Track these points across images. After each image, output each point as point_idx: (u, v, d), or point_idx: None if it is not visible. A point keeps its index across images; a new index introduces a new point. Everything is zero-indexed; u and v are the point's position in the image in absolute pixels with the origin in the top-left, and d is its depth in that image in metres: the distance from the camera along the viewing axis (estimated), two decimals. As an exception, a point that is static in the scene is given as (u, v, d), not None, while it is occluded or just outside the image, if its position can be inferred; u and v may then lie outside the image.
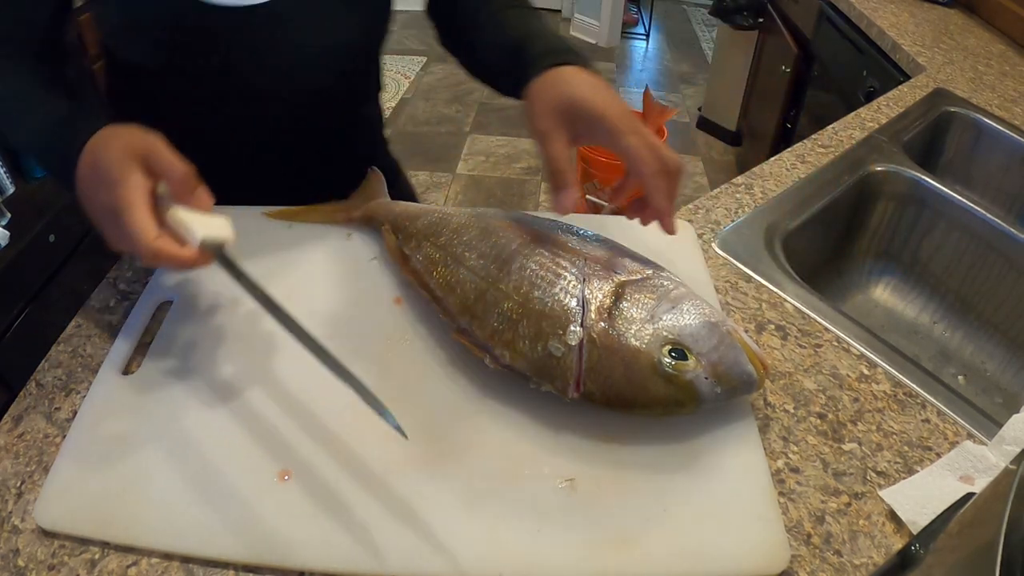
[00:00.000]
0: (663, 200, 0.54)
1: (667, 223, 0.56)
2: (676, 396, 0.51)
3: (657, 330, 0.52)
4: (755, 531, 0.47)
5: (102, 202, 0.50)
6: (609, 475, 0.50)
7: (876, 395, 0.60)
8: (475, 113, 3.33)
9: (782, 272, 0.73)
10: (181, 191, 0.52)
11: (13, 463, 0.52)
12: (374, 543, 0.46)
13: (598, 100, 0.56)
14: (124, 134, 0.52)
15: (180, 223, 0.51)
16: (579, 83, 0.58)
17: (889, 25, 1.56)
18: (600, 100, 0.56)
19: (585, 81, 0.58)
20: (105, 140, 0.52)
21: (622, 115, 0.55)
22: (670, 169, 0.54)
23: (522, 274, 0.56)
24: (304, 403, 0.54)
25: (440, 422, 0.54)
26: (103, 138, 0.52)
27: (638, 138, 0.54)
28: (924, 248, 0.99)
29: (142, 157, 0.51)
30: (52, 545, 0.47)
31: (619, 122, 0.55)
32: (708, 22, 4.63)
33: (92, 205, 0.52)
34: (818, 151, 0.98)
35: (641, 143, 0.54)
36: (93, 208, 0.52)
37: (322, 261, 0.68)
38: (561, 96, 0.57)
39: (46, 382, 0.58)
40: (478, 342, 0.56)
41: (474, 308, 0.56)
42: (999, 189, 1.14)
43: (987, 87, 1.27)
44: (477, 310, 0.56)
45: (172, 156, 0.51)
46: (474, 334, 0.56)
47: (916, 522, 0.49)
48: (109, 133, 0.52)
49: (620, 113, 0.55)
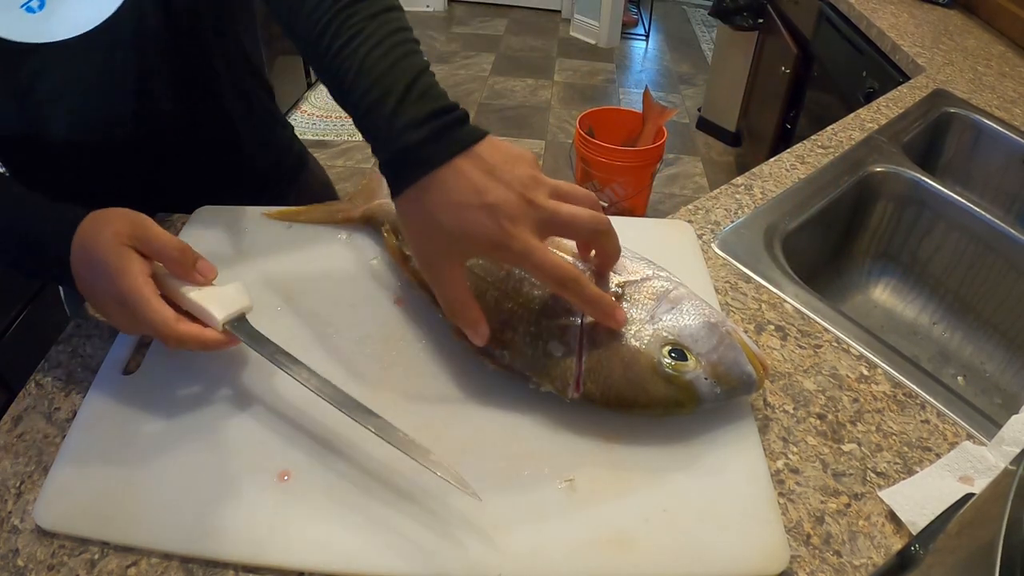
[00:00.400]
0: (584, 307, 0.51)
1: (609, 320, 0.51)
2: (676, 396, 0.51)
3: (657, 330, 0.52)
4: (754, 531, 0.47)
5: (107, 293, 0.50)
6: (609, 475, 0.50)
7: (876, 396, 0.60)
8: (474, 114, 3.34)
9: (782, 273, 0.74)
10: (180, 271, 0.52)
11: (13, 463, 0.52)
12: (373, 543, 0.46)
13: (478, 230, 0.47)
14: (110, 221, 0.51)
15: (195, 307, 0.51)
16: (446, 211, 0.47)
17: (889, 26, 1.56)
18: (481, 228, 0.47)
19: (451, 201, 0.47)
20: (93, 232, 0.51)
21: (511, 235, 0.47)
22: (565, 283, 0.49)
23: (522, 274, 0.56)
24: (304, 403, 0.54)
25: (440, 423, 0.54)
26: (90, 230, 0.51)
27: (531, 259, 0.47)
28: (924, 249, 1.00)
29: (134, 242, 0.50)
30: (52, 545, 0.47)
31: (511, 251, 0.47)
32: (708, 23, 4.64)
33: (96, 297, 0.52)
34: (818, 152, 0.98)
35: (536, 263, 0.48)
36: (97, 300, 0.52)
37: (322, 262, 0.68)
38: (436, 239, 0.49)
39: (46, 382, 0.58)
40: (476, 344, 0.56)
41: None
42: (998, 190, 1.14)
43: (987, 88, 1.27)
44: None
45: (163, 236, 0.51)
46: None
47: (915, 523, 0.49)
48: (93, 223, 0.51)
49: (510, 234, 0.47)
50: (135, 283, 0.49)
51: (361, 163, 2.89)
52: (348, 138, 3.06)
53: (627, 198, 2.39)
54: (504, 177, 0.47)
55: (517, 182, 0.48)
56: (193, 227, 0.72)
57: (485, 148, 0.48)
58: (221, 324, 0.51)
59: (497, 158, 0.48)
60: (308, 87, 3.41)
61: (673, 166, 3.01)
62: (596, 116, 2.49)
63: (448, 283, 0.51)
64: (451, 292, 0.51)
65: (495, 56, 3.99)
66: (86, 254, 0.50)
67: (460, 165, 0.47)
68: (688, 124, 3.37)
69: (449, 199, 0.47)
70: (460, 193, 0.47)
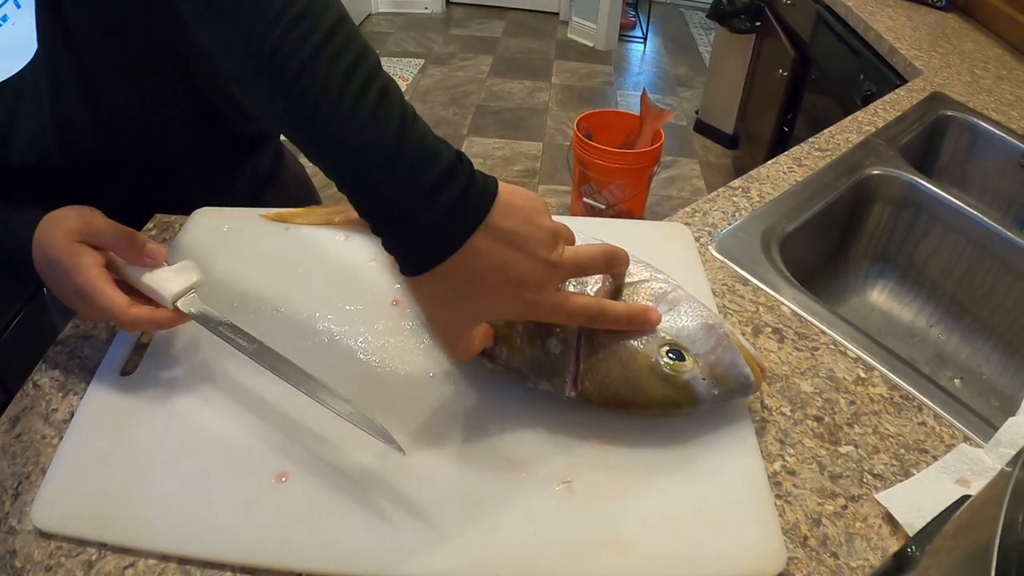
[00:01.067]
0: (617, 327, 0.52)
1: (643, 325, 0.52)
2: (673, 397, 0.51)
3: (655, 331, 0.53)
4: (752, 533, 0.47)
5: (67, 288, 0.53)
6: (606, 477, 0.51)
7: (872, 398, 0.60)
8: (472, 116, 3.34)
9: (779, 275, 0.74)
10: (131, 257, 0.54)
11: (10, 464, 0.52)
12: (372, 545, 0.46)
13: (504, 312, 0.48)
14: (60, 221, 0.54)
15: (148, 289, 0.54)
16: (484, 286, 0.45)
17: (886, 29, 1.57)
18: (506, 311, 0.48)
19: (485, 275, 0.45)
20: (47, 234, 0.53)
21: (536, 305, 0.47)
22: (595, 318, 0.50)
23: None
24: (303, 404, 0.54)
25: (438, 424, 0.54)
26: (44, 232, 0.54)
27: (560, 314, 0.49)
28: (920, 251, 1.00)
29: (84, 237, 0.53)
30: (49, 546, 0.47)
31: (541, 317, 0.49)
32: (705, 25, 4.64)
33: (60, 293, 0.54)
34: (815, 154, 0.98)
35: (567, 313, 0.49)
36: (62, 295, 0.55)
37: (320, 263, 0.68)
38: (466, 308, 0.47)
39: (43, 383, 0.58)
40: None
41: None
42: (995, 192, 1.15)
43: (984, 91, 1.27)
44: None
45: (109, 227, 0.54)
46: None
47: (912, 524, 0.49)
48: (47, 225, 0.54)
49: (533, 304, 0.47)
50: (87, 276, 0.51)
51: (359, 165, 2.89)
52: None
53: (624, 200, 2.39)
54: (525, 246, 0.45)
55: (539, 246, 0.45)
56: (191, 228, 0.72)
57: (500, 212, 0.44)
58: (171, 302, 0.54)
59: (514, 222, 0.44)
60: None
61: (671, 169, 3.02)
62: (594, 118, 2.49)
63: (463, 349, 0.50)
64: (463, 356, 0.51)
65: (493, 58, 3.99)
66: (43, 255, 0.53)
67: (479, 244, 0.43)
68: (686, 127, 3.38)
69: (471, 278, 0.45)
70: (483, 272, 0.44)
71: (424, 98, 3.43)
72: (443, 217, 0.42)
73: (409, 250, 0.44)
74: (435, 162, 0.42)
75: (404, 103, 0.43)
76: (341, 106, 0.41)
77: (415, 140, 0.42)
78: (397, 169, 0.41)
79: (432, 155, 0.42)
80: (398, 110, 0.42)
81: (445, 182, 0.42)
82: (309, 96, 0.40)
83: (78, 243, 0.53)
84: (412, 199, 0.42)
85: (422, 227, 0.42)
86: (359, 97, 0.41)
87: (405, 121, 0.42)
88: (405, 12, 4.58)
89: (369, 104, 0.41)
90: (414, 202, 0.42)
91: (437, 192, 0.42)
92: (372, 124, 0.41)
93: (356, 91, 0.41)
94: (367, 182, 0.42)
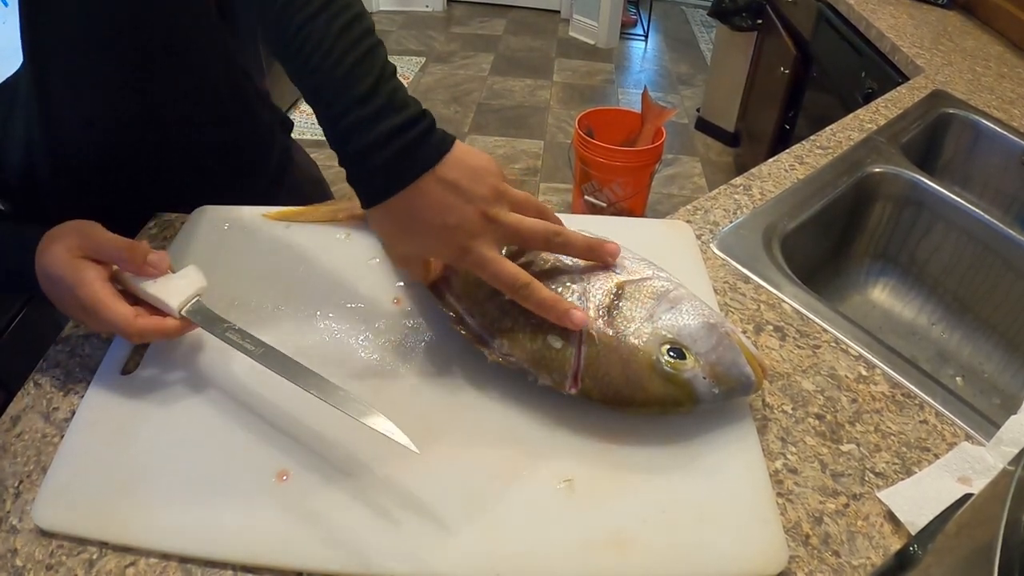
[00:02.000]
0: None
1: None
2: (674, 395, 0.51)
3: (656, 329, 0.52)
4: (753, 532, 0.47)
5: (71, 304, 0.53)
6: (607, 476, 0.50)
7: (874, 396, 0.60)
8: (473, 114, 3.34)
9: (780, 273, 0.74)
10: (134, 269, 0.54)
11: (11, 463, 0.52)
12: (372, 543, 0.46)
13: (439, 250, 0.53)
14: (60, 238, 0.54)
15: (153, 299, 0.54)
16: (404, 237, 0.53)
17: (888, 27, 1.56)
18: (440, 249, 0.53)
19: (407, 226, 0.52)
20: (47, 251, 0.53)
21: (467, 249, 0.51)
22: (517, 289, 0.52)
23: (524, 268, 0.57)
24: (303, 403, 0.54)
25: (438, 423, 0.54)
26: (44, 250, 0.54)
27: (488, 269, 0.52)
28: (922, 249, 1.00)
29: (86, 252, 0.53)
30: (50, 545, 0.47)
31: (472, 264, 0.52)
32: (707, 23, 4.64)
33: (65, 308, 0.55)
34: (816, 152, 0.98)
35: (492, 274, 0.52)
36: (67, 310, 0.55)
37: (321, 262, 0.68)
38: (411, 243, 0.54)
39: (44, 382, 0.58)
40: (477, 333, 0.56)
41: (476, 294, 0.57)
42: (997, 190, 1.14)
43: (985, 88, 1.27)
44: (479, 296, 0.57)
45: (110, 240, 0.54)
46: (474, 322, 0.56)
47: (914, 523, 0.49)
48: (47, 243, 0.54)
49: (465, 248, 0.51)
50: (91, 290, 0.52)
51: (360, 163, 2.89)
52: (347, 138, 3.05)
53: (626, 198, 2.39)
54: (466, 196, 0.50)
55: (480, 199, 0.51)
56: (191, 227, 0.72)
57: (450, 164, 0.50)
58: (178, 312, 0.54)
59: (461, 173, 0.50)
60: (307, 87, 3.40)
61: (672, 166, 3.02)
62: (595, 116, 2.49)
63: (418, 276, 0.59)
64: (420, 279, 0.60)
65: (494, 56, 3.99)
66: (45, 272, 0.53)
67: (424, 186, 0.50)
68: (687, 124, 3.37)
69: (414, 216, 0.51)
70: (425, 212, 0.50)
71: (425, 96, 3.43)
72: (396, 157, 0.49)
73: (366, 184, 0.51)
74: (399, 112, 0.49)
75: (386, 63, 0.51)
76: (330, 57, 0.49)
77: (387, 92, 0.50)
78: (365, 112, 0.49)
79: (400, 106, 0.50)
80: (379, 67, 0.50)
81: (404, 129, 0.49)
82: (306, 47, 0.50)
83: (80, 259, 0.53)
84: (373, 139, 0.49)
85: (377, 164, 0.49)
86: (347, 51, 0.49)
87: (383, 77, 0.50)
88: (406, 10, 4.58)
89: (354, 57, 0.49)
90: (374, 142, 0.49)
91: (395, 136, 0.49)
92: (353, 74, 0.49)
93: (345, 46, 0.49)
94: (339, 120, 0.49)
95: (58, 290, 0.53)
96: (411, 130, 0.49)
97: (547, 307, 0.52)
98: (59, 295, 0.53)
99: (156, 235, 0.73)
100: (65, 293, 0.53)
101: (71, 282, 0.52)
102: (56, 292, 0.53)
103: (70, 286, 0.52)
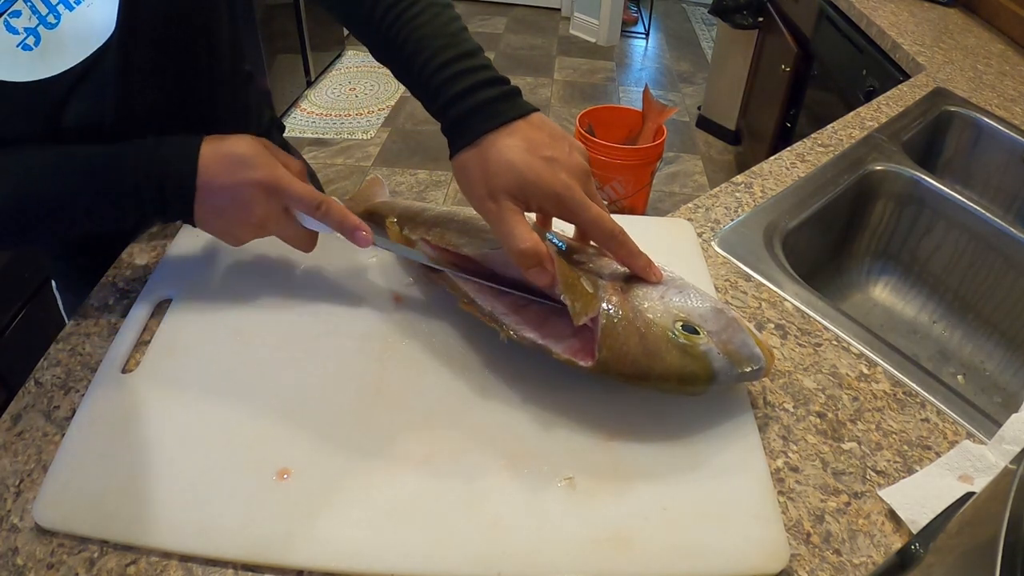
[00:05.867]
0: (627, 258, 0.55)
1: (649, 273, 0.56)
2: (692, 368, 0.51)
3: (668, 308, 0.53)
4: (754, 530, 0.47)
5: (250, 181, 0.54)
6: (608, 474, 0.50)
7: (875, 394, 0.60)
8: (474, 112, 3.33)
9: (781, 271, 0.73)
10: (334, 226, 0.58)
11: (12, 462, 0.52)
12: (373, 542, 0.46)
13: (546, 176, 0.52)
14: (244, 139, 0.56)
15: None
16: (519, 153, 0.52)
17: (889, 24, 1.56)
18: (549, 175, 0.52)
19: (523, 147, 0.52)
20: (225, 138, 0.55)
21: (572, 187, 0.52)
22: (615, 234, 0.54)
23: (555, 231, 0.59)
24: (304, 401, 0.54)
25: (439, 421, 0.54)
26: (221, 138, 0.55)
27: (590, 212, 0.53)
28: (923, 247, 0.99)
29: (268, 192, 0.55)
30: (51, 544, 0.47)
31: (572, 200, 0.52)
32: (708, 21, 4.63)
33: (232, 193, 0.55)
34: (817, 150, 0.98)
35: (594, 217, 0.53)
36: (235, 195, 0.55)
37: (321, 260, 0.68)
38: (505, 176, 0.52)
39: (45, 380, 0.58)
40: (487, 313, 0.56)
41: (492, 257, 0.58)
42: (998, 188, 1.14)
43: (987, 86, 1.27)
44: (496, 260, 0.57)
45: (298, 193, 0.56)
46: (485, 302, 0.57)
47: (915, 521, 0.49)
48: (220, 138, 0.56)
49: (570, 184, 0.52)
50: (283, 174, 0.55)
51: (360, 161, 2.89)
52: (347, 136, 3.06)
53: (627, 196, 2.38)
54: (560, 144, 0.53)
55: (570, 157, 0.54)
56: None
57: (538, 119, 0.54)
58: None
59: (549, 131, 0.54)
60: (308, 85, 3.40)
61: (673, 164, 3.01)
62: (596, 114, 2.49)
63: (509, 219, 0.52)
64: (512, 227, 0.52)
65: (495, 54, 3.98)
66: (221, 151, 0.54)
67: (522, 126, 0.53)
68: (688, 122, 3.37)
69: (519, 145, 0.52)
70: (528, 142, 0.52)
71: (426, 95, 3.43)
72: (503, 97, 0.54)
73: (473, 119, 0.53)
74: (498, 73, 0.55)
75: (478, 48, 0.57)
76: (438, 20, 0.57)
77: (486, 58, 0.56)
78: (475, 63, 0.55)
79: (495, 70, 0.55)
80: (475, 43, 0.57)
81: (507, 83, 0.55)
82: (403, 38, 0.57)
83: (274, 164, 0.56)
84: (482, 80, 0.54)
85: (490, 100, 0.54)
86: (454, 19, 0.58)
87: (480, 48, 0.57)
88: (406, 8, 4.57)
89: (458, 26, 0.58)
90: (482, 83, 0.54)
91: (501, 82, 0.55)
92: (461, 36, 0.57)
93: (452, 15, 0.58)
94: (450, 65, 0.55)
95: (233, 167, 0.54)
96: (508, 85, 0.55)
97: (637, 255, 0.55)
98: (231, 173, 0.54)
99: (157, 233, 0.73)
100: (244, 170, 0.54)
101: (263, 161, 0.54)
102: (229, 170, 0.54)
103: (260, 164, 0.54)
